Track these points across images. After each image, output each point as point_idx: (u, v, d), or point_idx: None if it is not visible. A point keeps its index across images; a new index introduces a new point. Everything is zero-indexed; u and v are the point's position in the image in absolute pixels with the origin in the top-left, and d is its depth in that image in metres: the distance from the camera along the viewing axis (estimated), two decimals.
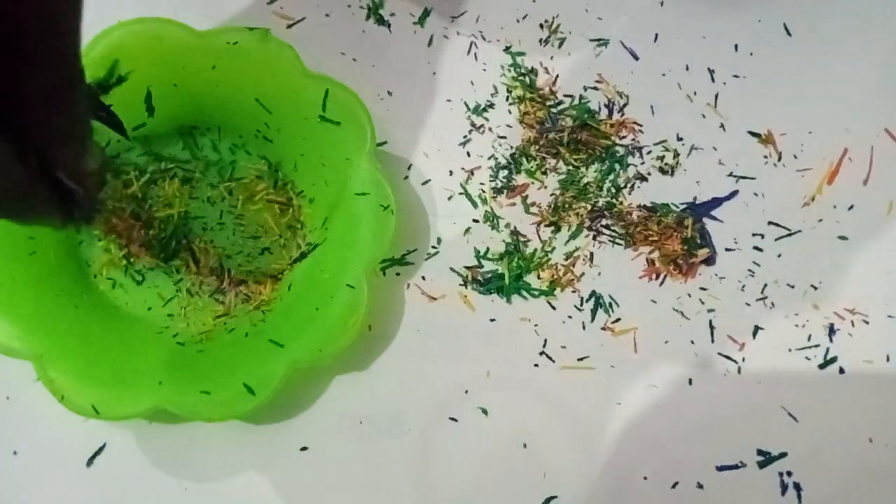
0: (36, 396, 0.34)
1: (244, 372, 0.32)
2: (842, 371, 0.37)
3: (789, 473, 0.36)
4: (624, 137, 0.40)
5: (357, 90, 0.36)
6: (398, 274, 0.37)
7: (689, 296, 0.38)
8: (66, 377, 0.31)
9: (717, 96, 0.40)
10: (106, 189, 0.35)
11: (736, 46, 0.41)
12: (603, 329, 0.37)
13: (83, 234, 0.36)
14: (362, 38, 0.40)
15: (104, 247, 0.36)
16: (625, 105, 0.40)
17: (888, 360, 0.37)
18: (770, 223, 0.39)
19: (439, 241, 0.38)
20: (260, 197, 0.37)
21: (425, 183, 0.39)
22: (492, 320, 0.37)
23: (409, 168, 0.39)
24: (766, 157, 0.40)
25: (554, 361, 0.37)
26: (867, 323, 0.37)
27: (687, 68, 0.40)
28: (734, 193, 0.39)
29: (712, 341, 0.37)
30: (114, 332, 0.34)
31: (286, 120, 0.36)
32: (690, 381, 0.37)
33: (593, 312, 0.38)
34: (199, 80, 0.36)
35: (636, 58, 0.41)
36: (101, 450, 0.35)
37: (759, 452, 0.36)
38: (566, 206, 0.39)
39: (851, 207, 0.39)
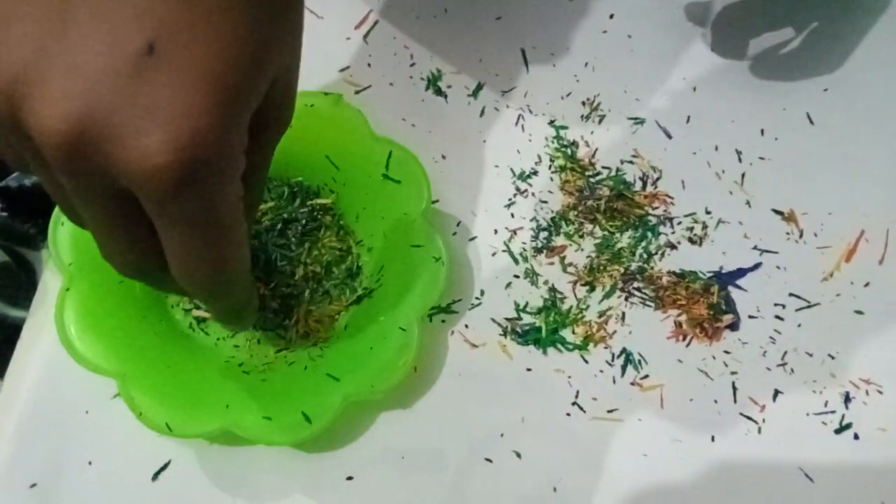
0: (111, 412, 0.38)
1: (302, 402, 0.35)
2: (856, 437, 0.39)
3: None
4: (656, 208, 0.43)
5: (415, 153, 0.40)
6: (443, 321, 0.41)
7: (714, 358, 0.40)
8: (145, 396, 0.34)
9: (743, 175, 0.44)
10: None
11: (762, 131, 0.45)
12: (632, 384, 0.40)
13: None
14: (421, 107, 0.45)
15: None
16: (658, 179, 0.44)
17: None
18: (791, 295, 0.42)
19: (482, 293, 0.41)
20: (323, 244, 0.40)
21: (472, 239, 0.42)
22: (528, 370, 0.40)
23: (457, 225, 0.43)
24: (788, 233, 0.43)
25: (585, 412, 0.39)
26: (881, 393, 0.40)
27: (716, 148, 0.44)
28: (758, 265, 0.42)
29: (735, 402, 0.39)
30: (187, 358, 0.37)
31: (352, 176, 0.40)
32: (713, 438, 0.39)
33: (623, 368, 0.40)
34: None
35: (669, 136, 0.44)
36: (166, 466, 0.38)
37: None
38: (601, 268, 0.42)
39: (867, 284, 0.42)
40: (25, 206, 0.41)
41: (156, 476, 0.37)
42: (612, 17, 0.47)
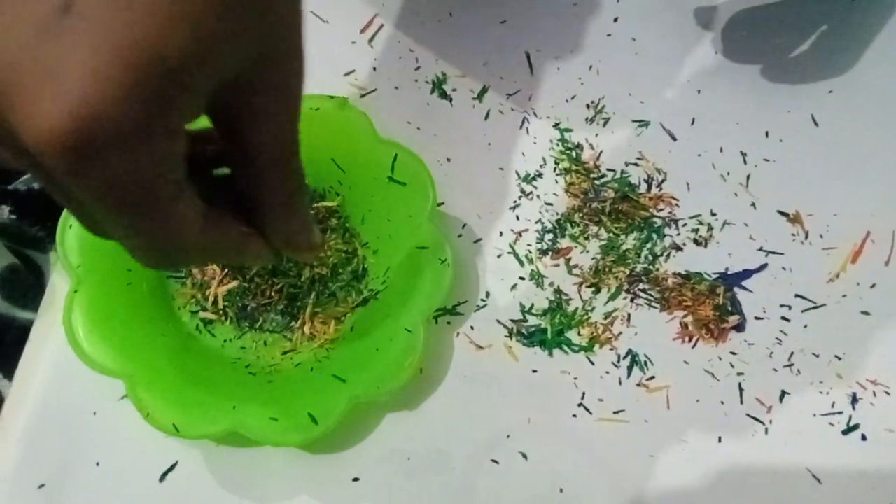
0: (119, 414, 0.38)
1: (309, 403, 0.35)
2: (864, 438, 0.39)
3: None
4: (661, 210, 0.43)
5: (420, 155, 0.40)
6: (449, 323, 0.41)
7: (720, 359, 0.40)
8: (152, 397, 0.35)
9: (748, 177, 0.44)
10: None
11: (767, 133, 0.45)
12: (638, 385, 0.40)
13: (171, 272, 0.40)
14: (427, 110, 0.45)
15: (189, 291, 0.40)
16: (663, 181, 0.44)
17: None
18: (797, 296, 0.42)
19: (488, 294, 0.41)
20: (329, 246, 0.41)
21: (477, 241, 0.42)
22: (534, 371, 0.40)
23: (463, 227, 0.43)
24: (793, 234, 0.43)
25: (591, 413, 0.39)
26: (888, 394, 0.40)
27: (721, 150, 0.44)
28: (763, 266, 0.42)
29: (741, 403, 0.39)
30: (194, 360, 0.38)
31: (357, 179, 0.40)
32: (720, 439, 0.39)
33: (629, 369, 0.40)
34: None
35: (674, 139, 0.45)
36: (173, 467, 0.38)
37: None
38: (606, 269, 0.42)
39: (874, 285, 0.42)
40: (34, 209, 0.41)
41: (163, 477, 0.38)
42: (616, 20, 0.47)
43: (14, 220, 0.41)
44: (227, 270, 0.40)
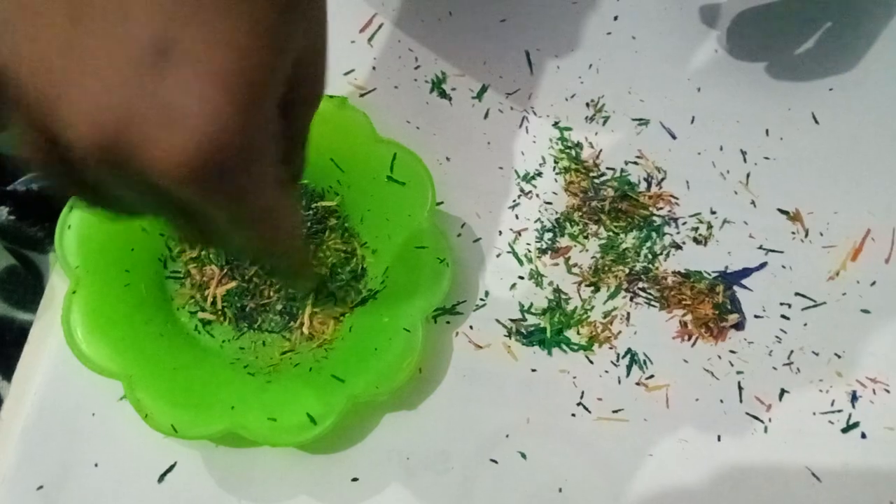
0: (118, 415, 0.38)
1: (307, 403, 0.35)
2: (864, 436, 0.39)
3: None
4: (661, 209, 0.43)
5: (420, 155, 0.40)
6: (448, 322, 0.41)
7: (720, 358, 0.40)
8: (151, 398, 0.35)
9: (748, 175, 0.44)
10: None
11: (767, 131, 0.45)
12: (637, 384, 0.40)
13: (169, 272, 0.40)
14: (426, 109, 0.45)
15: (188, 292, 0.40)
16: (662, 179, 0.44)
17: None
18: (797, 294, 0.41)
19: (487, 294, 0.41)
20: (328, 246, 0.41)
21: (476, 241, 0.42)
22: (533, 370, 0.40)
23: (462, 227, 0.43)
24: (793, 233, 0.43)
25: (590, 412, 0.39)
26: (888, 392, 0.40)
27: (721, 149, 0.44)
28: (763, 265, 0.42)
29: (741, 401, 0.39)
30: (193, 360, 0.37)
31: (356, 178, 0.40)
32: (719, 438, 0.39)
33: (628, 368, 0.40)
34: None
35: (674, 137, 0.44)
36: (171, 468, 0.38)
37: None
38: (606, 268, 0.42)
39: (874, 283, 0.42)
40: (33, 210, 0.41)
41: (162, 478, 0.38)
42: (616, 18, 0.47)
43: (13, 222, 0.41)
44: (225, 271, 0.40)
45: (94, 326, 0.36)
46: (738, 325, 0.41)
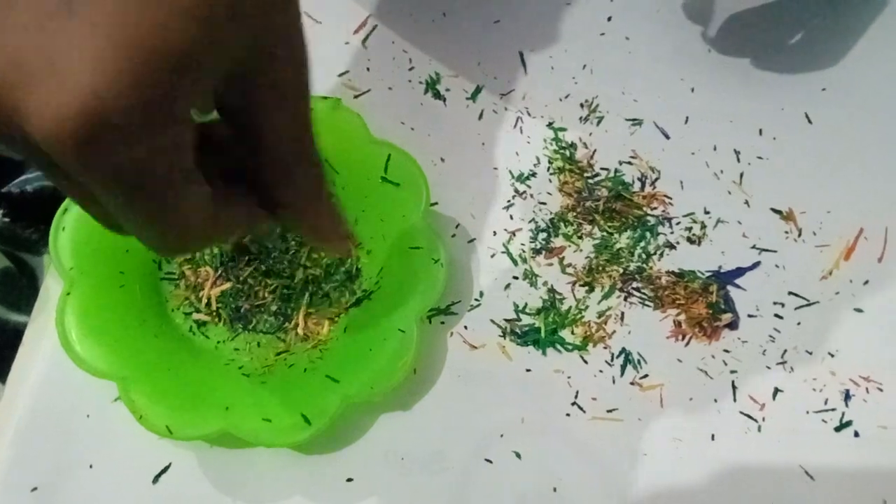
0: (112, 416, 0.38)
1: (302, 403, 0.36)
2: (857, 434, 0.39)
3: None
4: (655, 209, 0.43)
5: (414, 156, 0.40)
6: (443, 322, 0.41)
7: (713, 357, 0.40)
8: (145, 399, 0.35)
9: (742, 175, 0.44)
10: None
11: (760, 131, 0.45)
12: (631, 384, 0.40)
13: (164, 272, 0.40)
14: (420, 110, 0.45)
15: (183, 293, 0.40)
16: (656, 179, 0.44)
17: None
18: (790, 293, 0.42)
19: (481, 294, 0.41)
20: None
21: (471, 241, 0.43)
22: (528, 370, 0.40)
23: (456, 227, 0.43)
24: (786, 232, 0.43)
25: (584, 412, 0.39)
26: (881, 391, 0.40)
27: (714, 148, 0.44)
28: (756, 264, 0.42)
29: (734, 400, 0.40)
30: (187, 361, 0.38)
31: (351, 179, 0.40)
32: (713, 437, 0.39)
33: (623, 368, 0.40)
34: None
35: (668, 137, 0.45)
36: (166, 469, 0.38)
37: None
38: (600, 268, 0.42)
39: (867, 282, 0.42)
40: (27, 212, 0.41)
41: (156, 479, 0.38)
42: (609, 19, 0.47)
43: (7, 223, 0.41)
44: (220, 272, 0.40)
45: (88, 328, 0.36)
46: (732, 325, 0.41)
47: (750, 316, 0.41)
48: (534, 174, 0.44)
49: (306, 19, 0.46)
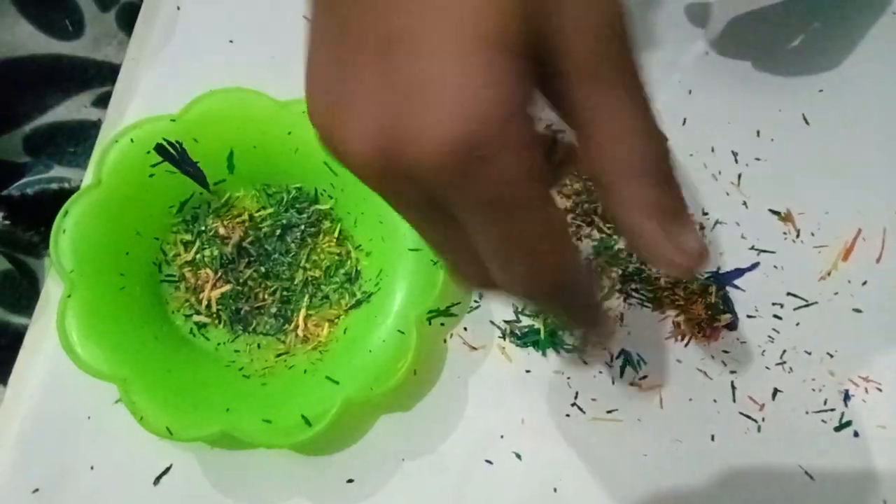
0: (113, 418, 0.38)
1: (302, 405, 0.36)
2: (856, 434, 0.39)
3: None
4: None
5: None
6: (442, 324, 0.41)
7: (713, 358, 0.41)
8: (146, 400, 0.35)
9: (740, 176, 0.44)
10: None
11: (758, 132, 0.45)
12: (631, 385, 0.40)
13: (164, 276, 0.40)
14: None
15: (183, 295, 0.40)
16: None
17: None
18: (789, 294, 0.42)
19: (481, 296, 0.42)
20: (322, 249, 0.41)
21: None
22: (527, 371, 0.40)
23: None
24: (785, 233, 0.43)
25: (584, 413, 0.40)
26: (880, 390, 0.40)
27: (712, 150, 0.45)
28: (755, 265, 0.42)
29: (734, 401, 0.40)
30: (188, 363, 0.38)
31: (350, 182, 0.40)
32: (713, 438, 0.39)
33: (622, 369, 0.41)
34: (276, 144, 0.40)
35: (666, 139, 0.45)
36: (167, 470, 0.38)
37: None
38: (599, 269, 0.42)
39: (865, 283, 0.42)
40: (28, 215, 0.42)
41: (157, 480, 0.38)
42: None
43: (8, 226, 0.41)
44: (220, 274, 0.40)
45: (89, 330, 0.36)
46: (731, 326, 0.41)
47: (749, 317, 0.42)
48: None
49: (305, 23, 0.47)
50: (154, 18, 0.48)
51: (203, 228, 0.41)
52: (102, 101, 0.46)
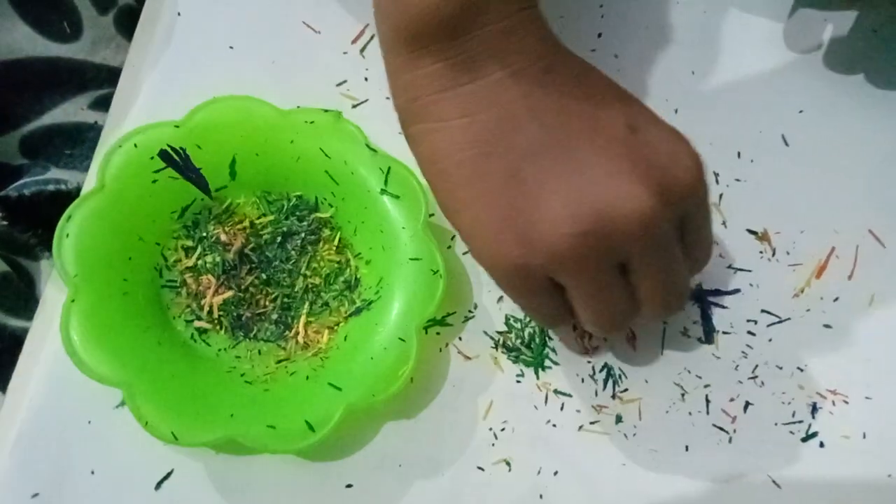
0: (114, 422, 0.39)
1: (305, 411, 0.37)
2: (822, 445, 0.42)
3: None
4: None
5: (410, 167, 0.41)
6: (438, 333, 0.43)
7: (689, 372, 0.43)
8: (151, 405, 0.36)
9: (721, 197, 0.46)
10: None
11: (739, 153, 0.47)
12: (612, 397, 0.42)
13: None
14: None
15: (185, 301, 0.41)
16: None
17: (864, 437, 0.42)
18: (763, 311, 0.44)
19: (476, 306, 0.43)
20: (322, 257, 0.42)
21: (465, 253, 0.44)
22: (518, 381, 0.42)
23: (452, 239, 0.44)
24: (761, 252, 0.45)
25: (569, 423, 0.41)
26: (847, 403, 0.42)
27: None
28: (736, 290, 0.44)
29: (707, 413, 0.42)
30: (190, 368, 0.39)
31: (351, 190, 0.42)
32: (687, 448, 0.41)
33: (605, 382, 0.43)
34: (278, 152, 0.41)
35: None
36: (168, 475, 0.39)
37: None
38: None
39: (837, 299, 0.44)
40: (25, 216, 0.42)
41: (159, 485, 0.39)
42: (600, 35, 0.49)
43: (5, 227, 0.41)
44: (221, 280, 0.41)
45: (93, 335, 0.36)
46: (708, 341, 0.43)
47: (724, 333, 0.44)
48: None
49: (304, 29, 0.47)
50: (154, 24, 0.48)
51: (204, 234, 0.41)
52: (100, 104, 0.46)
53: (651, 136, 0.32)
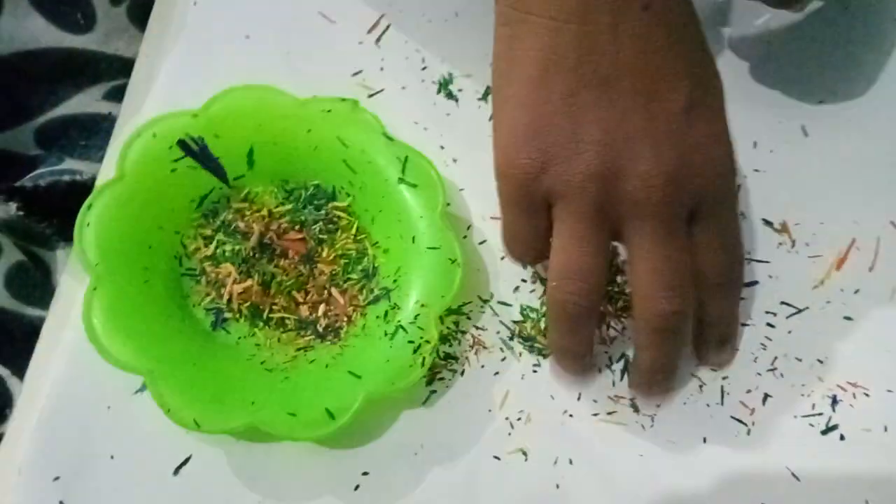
0: (133, 408, 0.41)
1: (326, 398, 0.39)
2: (842, 438, 0.43)
3: None
4: None
5: (427, 156, 0.43)
6: (455, 322, 0.44)
7: None
8: (173, 392, 0.38)
9: (738, 188, 0.48)
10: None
11: (755, 143, 0.49)
12: (629, 387, 0.44)
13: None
14: (433, 110, 0.48)
15: (204, 289, 0.43)
16: None
17: (886, 430, 0.43)
18: (782, 303, 0.46)
19: (492, 295, 0.45)
20: (340, 246, 0.44)
21: (482, 243, 0.46)
22: (534, 371, 0.44)
23: (468, 228, 0.46)
24: (780, 243, 0.47)
25: (587, 413, 0.43)
26: (867, 396, 0.44)
27: None
28: (754, 282, 0.46)
29: (723, 405, 0.43)
30: (211, 356, 0.41)
31: (368, 179, 0.44)
32: (705, 440, 0.43)
33: (623, 372, 0.44)
34: (296, 141, 0.43)
35: None
36: (186, 461, 0.41)
37: None
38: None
39: (857, 291, 0.46)
40: (41, 206, 0.44)
41: (177, 470, 0.41)
42: None
43: (21, 217, 0.43)
44: (241, 269, 0.43)
45: (115, 323, 0.39)
46: None
47: (743, 324, 0.45)
48: None
49: (320, 19, 0.49)
50: (169, 13, 0.50)
51: (223, 223, 0.43)
52: (114, 95, 0.48)
53: (698, 130, 0.36)
